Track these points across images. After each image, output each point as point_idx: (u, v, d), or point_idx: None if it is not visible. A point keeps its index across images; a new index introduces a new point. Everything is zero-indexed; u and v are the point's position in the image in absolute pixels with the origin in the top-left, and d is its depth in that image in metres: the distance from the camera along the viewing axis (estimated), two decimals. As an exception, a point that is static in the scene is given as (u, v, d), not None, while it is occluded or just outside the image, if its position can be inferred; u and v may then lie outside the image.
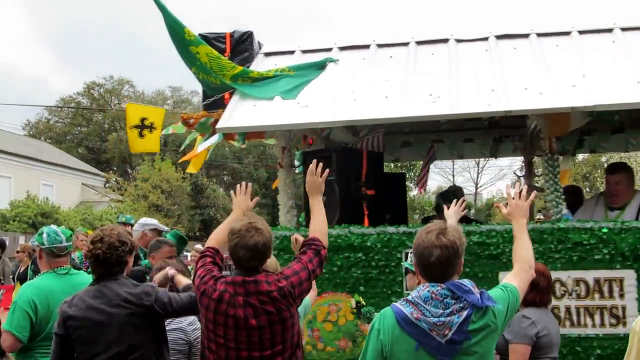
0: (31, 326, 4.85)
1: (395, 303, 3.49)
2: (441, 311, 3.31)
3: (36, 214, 30.51)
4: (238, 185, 4.83)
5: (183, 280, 5.00)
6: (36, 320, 4.88)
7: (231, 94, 7.42)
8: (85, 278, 5.22)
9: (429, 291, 3.37)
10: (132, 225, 10.93)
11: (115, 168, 59.37)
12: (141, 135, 8.07)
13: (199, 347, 4.43)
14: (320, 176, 4.66)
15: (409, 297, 3.43)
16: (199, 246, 12.95)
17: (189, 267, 11.24)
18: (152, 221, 7.93)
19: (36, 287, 5.01)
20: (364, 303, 6.39)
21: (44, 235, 5.17)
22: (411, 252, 4.11)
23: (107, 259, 4.27)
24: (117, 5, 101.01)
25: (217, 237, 4.45)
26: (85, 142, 63.97)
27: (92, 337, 4.16)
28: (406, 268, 5.82)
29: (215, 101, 7.55)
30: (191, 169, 9.07)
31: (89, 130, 65.59)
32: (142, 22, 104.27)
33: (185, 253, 18.29)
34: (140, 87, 75.00)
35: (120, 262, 4.35)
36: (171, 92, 68.02)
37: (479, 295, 3.37)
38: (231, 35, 7.86)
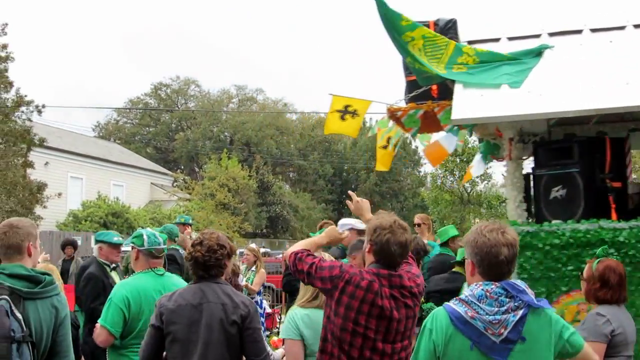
0: (124, 322, 5.05)
1: (447, 303, 3.46)
2: (496, 309, 3.29)
3: (107, 214, 31.13)
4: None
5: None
6: (129, 317, 5.07)
7: (439, 85, 7.13)
8: (177, 280, 5.42)
9: (482, 290, 3.35)
10: (190, 225, 10.88)
11: (182, 167, 60.24)
12: (342, 118, 7.98)
13: None
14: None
15: (462, 297, 3.41)
16: (253, 245, 12.89)
17: (243, 265, 11.20)
18: (350, 221, 7.79)
19: (130, 286, 5.20)
20: None
21: (144, 237, 5.38)
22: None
23: (206, 262, 4.38)
24: (182, 6, 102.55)
25: (304, 244, 4.54)
26: (154, 142, 65.10)
27: (184, 334, 4.25)
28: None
29: (421, 93, 7.30)
30: (382, 167, 8.88)
31: (157, 130, 66.75)
32: (207, 22, 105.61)
33: (240, 250, 18.28)
34: (205, 87, 75.79)
35: (219, 265, 4.45)
36: (236, 91, 68.62)
37: (533, 297, 3.34)
38: (435, 23, 7.56)
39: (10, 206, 22.79)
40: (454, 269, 7.23)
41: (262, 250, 26.76)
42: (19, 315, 3.79)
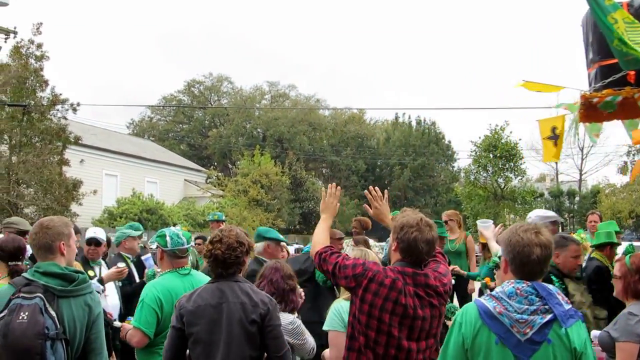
0: (157, 323, 5.08)
1: (478, 298, 3.64)
2: (525, 307, 3.36)
3: (142, 211, 31.38)
4: (329, 186, 4.85)
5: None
6: (161, 317, 5.10)
7: (636, 72, 6.95)
8: (204, 278, 5.39)
9: (514, 287, 3.43)
10: (223, 222, 10.89)
11: (216, 164, 60.49)
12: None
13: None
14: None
15: (493, 293, 3.50)
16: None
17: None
18: (548, 213, 7.56)
19: (161, 286, 5.23)
20: None
21: (167, 238, 5.38)
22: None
23: (225, 260, 4.37)
24: (215, 3, 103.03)
25: (323, 239, 4.51)
26: (187, 139, 65.53)
27: (205, 334, 4.26)
28: (496, 264, 5.58)
29: (617, 79, 7.12)
30: (551, 158, 8.77)
31: (190, 127, 67.16)
32: (239, 19, 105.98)
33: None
34: (238, 83, 76.06)
35: (238, 263, 4.44)
36: (269, 87, 68.71)
37: (566, 307, 3.41)
38: (629, 4, 7.28)
39: (46, 203, 23.12)
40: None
41: (295, 246, 26.81)
42: (53, 313, 3.83)
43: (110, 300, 7.26)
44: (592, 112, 6.85)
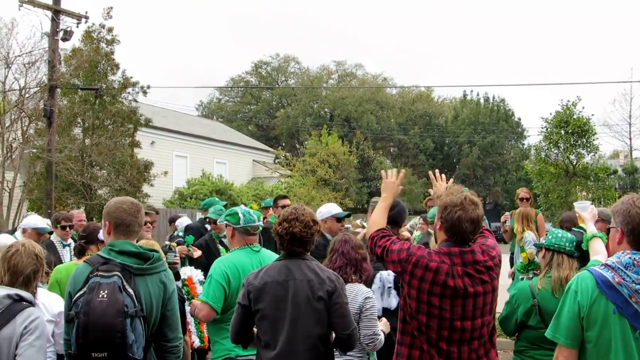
0: (225, 298, 5.12)
1: (592, 267, 3.55)
2: None
3: (211, 191, 31.76)
4: (389, 171, 4.77)
5: None
6: (229, 292, 5.14)
7: None
8: (273, 256, 5.43)
9: (630, 258, 3.41)
10: (269, 208, 10.83)
11: (283, 144, 60.82)
12: None
13: None
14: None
15: (609, 263, 3.47)
16: (357, 222, 12.89)
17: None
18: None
19: (229, 262, 5.27)
20: None
21: (240, 215, 5.42)
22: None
23: (302, 237, 4.39)
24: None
25: (380, 220, 4.46)
26: (255, 119, 66.01)
27: (271, 311, 4.28)
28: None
29: None
30: None
31: (258, 108, 67.59)
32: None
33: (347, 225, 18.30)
34: (305, 64, 76.12)
35: (312, 241, 4.48)
36: (335, 67, 68.54)
37: None
38: None
39: (119, 185, 23.65)
40: None
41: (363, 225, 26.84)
42: (131, 291, 3.91)
43: None
44: None
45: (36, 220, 8.74)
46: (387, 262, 4.14)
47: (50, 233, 8.72)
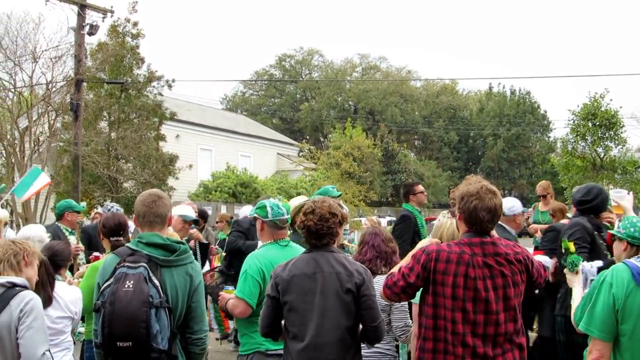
0: (259, 294, 5.08)
1: (628, 259, 3.57)
2: None
3: (236, 184, 31.87)
4: None
5: None
6: (263, 287, 5.10)
7: None
8: (301, 249, 5.34)
9: None
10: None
11: (307, 137, 60.85)
12: None
13: None
14: None
15: None
16: (374, 217, 12.98)
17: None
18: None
19: (263, 257, 5.23)
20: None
21: (268, 209, 5.34)
22: (618, 220, 3.98)
23: (318, 230, 4.38)
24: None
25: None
26: (279, 112, 66.09)
27: (300, 303, 4.30)
28: (613, 235, 5.34)
29: None
30: None
31: (282, 101, 67.70)
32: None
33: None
34: (329, 57, 76.04)
35: (331, 234, 4.44)
36: (359, 59, 68.40)
37: None
38: None
39: (144, 178, 23.81)
40: None
41: (387, 218, 26.73)
42: (157, 282, 3.95)
43: None
44: None
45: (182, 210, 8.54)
46: (413, 279, 3.98)
47: (196, 222, 8.75)
